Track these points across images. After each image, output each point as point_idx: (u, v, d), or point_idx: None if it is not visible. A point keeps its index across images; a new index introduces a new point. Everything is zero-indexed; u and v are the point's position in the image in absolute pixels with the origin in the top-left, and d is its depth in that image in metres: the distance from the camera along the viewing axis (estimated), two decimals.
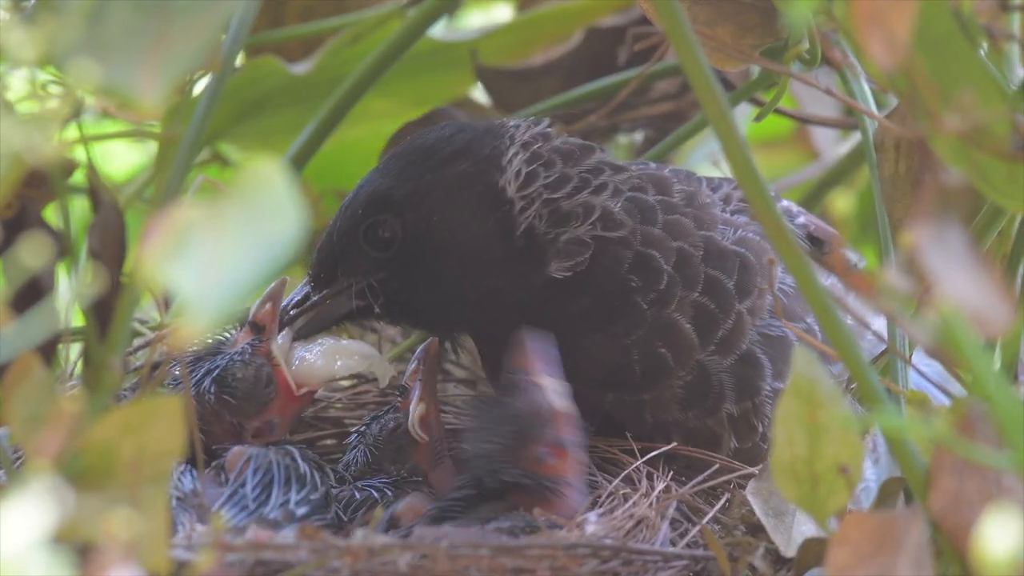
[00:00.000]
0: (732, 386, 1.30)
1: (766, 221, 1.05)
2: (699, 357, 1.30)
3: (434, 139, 1.32)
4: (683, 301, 1.30)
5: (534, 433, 1.23)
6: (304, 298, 1.33)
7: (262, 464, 1.24)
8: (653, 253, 1.30)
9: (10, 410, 1.01)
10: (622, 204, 1.31)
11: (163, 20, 0.99)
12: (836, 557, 1.03)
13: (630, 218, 1.30)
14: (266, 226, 0.93)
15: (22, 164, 0.97)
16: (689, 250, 1.31)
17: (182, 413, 1.00)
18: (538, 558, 1.13)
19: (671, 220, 1.31)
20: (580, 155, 1.32)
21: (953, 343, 0.98)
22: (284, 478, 1.23)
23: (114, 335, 1.05)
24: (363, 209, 1.31)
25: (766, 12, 1.38)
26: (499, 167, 1.31)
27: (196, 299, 0.90)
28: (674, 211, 1.32)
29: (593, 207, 1.30)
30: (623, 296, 1.30)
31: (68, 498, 0.93)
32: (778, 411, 1.08)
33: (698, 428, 1.31)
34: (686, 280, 1.30)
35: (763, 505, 1.17)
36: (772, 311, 1.31)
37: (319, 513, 1.22)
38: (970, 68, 1.04)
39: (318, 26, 1.68)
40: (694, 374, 1.30)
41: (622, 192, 1.31)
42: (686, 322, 1.30)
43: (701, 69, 1.04)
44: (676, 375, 1.30)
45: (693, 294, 1.30)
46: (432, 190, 1.31)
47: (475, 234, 1.31)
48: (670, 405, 1.31)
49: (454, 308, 1.32)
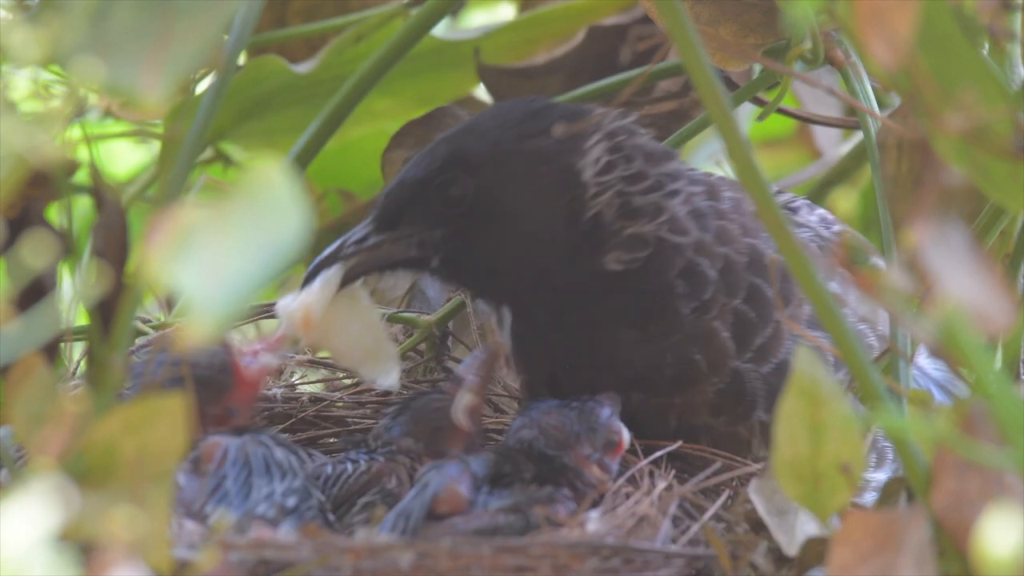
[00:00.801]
0: (764, 394, 1.30)
1: (768, 221, 1.05)
2: (734, 364, 1.30)
3: (523, 110, 1.32)
4: (724, 308, 1.30)
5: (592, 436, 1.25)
6: (363, 238, 1.32)
7: (239, 455, 1.23)
8: (702, 260, 1.30)
9: (13, 409, 1.01)
10: (689, 212, 1.31)
11: (166, 19, 0.99)
12: (838, 556, 1.03)
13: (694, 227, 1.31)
14: (269, 225, 0.93)
15: (25, 164, 0.98)
16: (735, 257, 1.31)
17: (184, 412, 1.01)
18: (540, 556, 1.13)
19: (720, 226, 1.32)
20: (661, 157, 1.32)
21: (955, 342, 0.98)
22: (263, 467, 1.23)
23: (117, 334, 1.05)
24: (441, 163, 1.31)
25: (768, 11, 1.39)
26: (580, 150, 1.31)
27: (200, 299, 0.90)
28: (723, 217, 1.32)
29: (663, 209, 1.31)
30: (666, 300, 1.30)
31: (72, 497, 0.93)
32: (781, 409, 1.08)
33: (727, 434, 1.31)
34: (729, 287, 1.30)
35: (766, 503, 1.17)
36: (811, 321, 1.31)
37: (306, 501, 1.22)
38: (972, 67, 1.04)
39: (321, 25, 1.68)
40: (728, 381, 1.30)
41: (692, 203, 1.32)
42: (724, 330, 1.30)
43: (703, 68, 1.04)
44: (710, 381, 1.30)
45: (735, 301, 1.30)
46: (511, 159, 1.31)
47: (543, 211, 1.31)
48: (700, 410, 1.31)
49: (505, 279, 1.32)
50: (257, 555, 1.10)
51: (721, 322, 1.30)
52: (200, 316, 0.90)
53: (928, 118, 1.03)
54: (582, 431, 1.26)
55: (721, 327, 1.30)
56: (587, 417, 1.26)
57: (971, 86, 1.03)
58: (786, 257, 1.06)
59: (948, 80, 1.03)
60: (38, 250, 0.96)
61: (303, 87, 1.63)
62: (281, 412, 1.42)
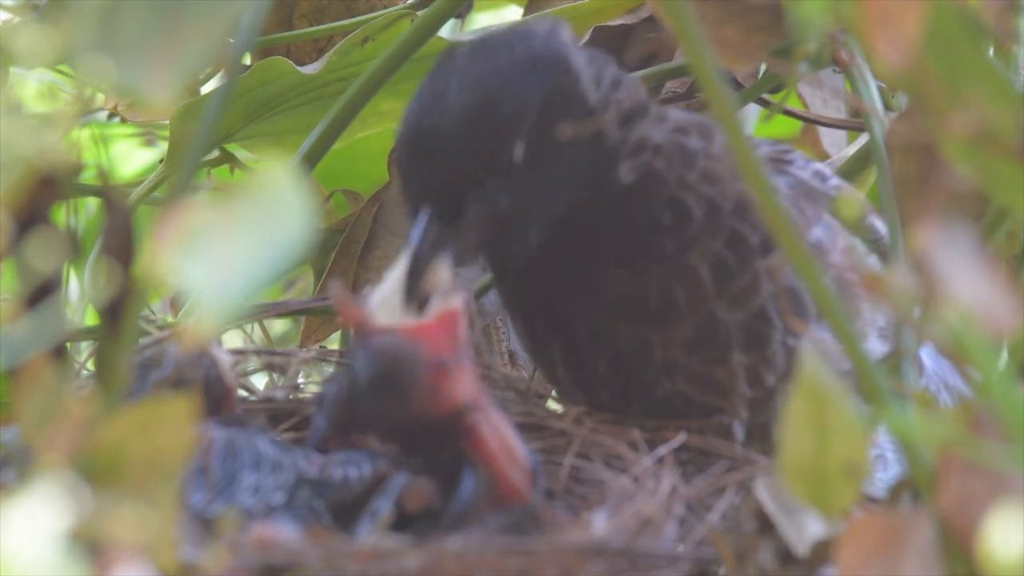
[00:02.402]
0: (741, 339, 1.31)
1: (772, 222, 1.05)
2: (711, 308, 1.30)
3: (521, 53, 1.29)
4: (706, 249, 1.30)
5: (407, 376, 1.22)
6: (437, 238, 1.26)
7: (226, 446, 1.23)
8: (687, 197, 1.30)
9: (21, 409, 1.01)
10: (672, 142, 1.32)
11: (174, 21, 0.99)
12: (844, 556, 1.03)
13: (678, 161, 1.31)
14: (276, 226, 0.93)
15: (32, 165, 0.98)
16: (720, 201, 1.31)
17: (192, 412, 1.01)
18: (546, 559, 1.13)
19: (708, 167, 1.31)
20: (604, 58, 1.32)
21: (961, 343, 0.98)
22: (253, 461, 1.23)
23: (124, 335, 1.06)
24: (497, 135, 1.26)
25: (774, 12, 1.39)
26: (576, 76, 1.29)
27: (207, 299, 0.90)
28: (713, 159, 1.32)
29: (646, 105, 1.31)
30: (651, 233, 1.30)
31: (80, 497, 0.94)
32: (786, 409, 1.08)
33: (705, 375, 1.31)
34: (712, 229, 1.30)
35: (773, 502, 1.17)
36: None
37: (294, 497, 1.21)
38: (978, 69, 1.04)
39: (328, 27, 1.68)
40: (704, 321, 1.30)
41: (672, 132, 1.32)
42: (705, 270, 1.30)
43: (709, 69, 1.04)
44: (685, 319, 1.30)
45: (715, 244, 1.30)
46: (546, 106, 1.28)
47: (577, 146, 1.29)
48: (677, 347, 1.31)
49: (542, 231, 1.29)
50: (263, 558, 1.10)
51: (702, 262, 1.30)
52: (206, 315, 0.90)
53: (934, 119, 1.03)
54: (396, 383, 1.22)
55: (702, 267, 1.30)
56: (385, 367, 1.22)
57: (977, 88, 1.03)
58: (789, 253, 1.06)
59: (954, 81, 1.03)
60: (45, 251, 0.96)
61: (310, 88, 1.63)
62: (285, 411, 1.43)
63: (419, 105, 1.29)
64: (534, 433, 1.37)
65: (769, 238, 1.30)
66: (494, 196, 1.27)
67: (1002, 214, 1.22)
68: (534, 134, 1.27)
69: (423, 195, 1.27)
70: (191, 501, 1.19)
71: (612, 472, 1.30)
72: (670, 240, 1.30)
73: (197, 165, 1.11)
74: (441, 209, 1.26)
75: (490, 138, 1.27)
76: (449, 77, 1.29)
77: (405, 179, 1.28)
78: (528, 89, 1.28)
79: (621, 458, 1.30)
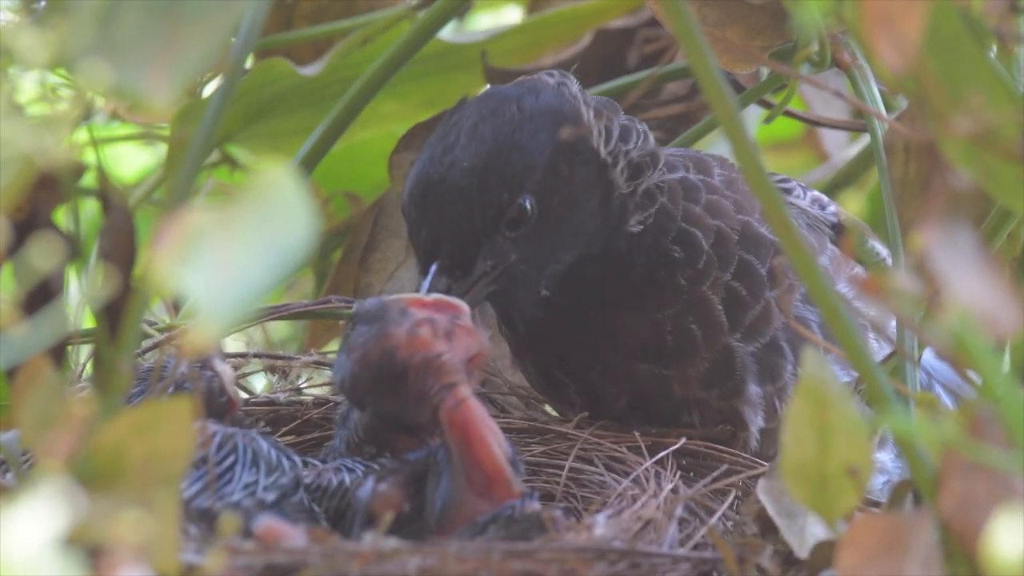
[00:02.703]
0: (756, 370, 1.31)
1: (775, 222, 1.05)
2: (726, 341, 1.30)
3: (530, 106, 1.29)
4: (717, 281, 1.30)
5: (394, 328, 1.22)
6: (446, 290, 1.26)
7: (226, 443, 1.23)
8: (694, 231, 1.30)
9: (20, 412, 1.01)
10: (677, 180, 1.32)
11: (174, 22, 0.99)
12: (845, 559, 1.03)
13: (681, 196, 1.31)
14: (276, 228, 0.93)
15: (32, 166, 0.98)
16: (727, 231, 1.31)
17: (192, 415, 1.01)
18: (547, 561, 1.13)
19: (712, 200, 1.32)
20: (614, 108, 1.32)
21: (962, 345, 0.98)
22: (251, 460, 1.23)
23: (124, 337, 1.06)
24: (507, 190, 1.27)
25: (775, 14, 1.39)
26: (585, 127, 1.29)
27: (207, 302, 0.90)
28: (714, 192, 1.32)
29: (657, 154, 1.32)
30: (664, 269, 1.30)
31: (79, 500, 0.93)
32: (788, 411, 1.08)
33: (722, 408, 1.31)
34: (721, 260, 1.30)
35: (775, 505, 1.17)
36: (804, 299, 1.32)
37: (288, 497, 1.21)
38: (980, 70, 1.04)
39: (328, 28, 1.68)
40: (720, 355, 1.30)
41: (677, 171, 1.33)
42: (718, 303, 1.30)
43: (711, 71, 1.04)
44: (701, 355, 1.30)
45: (726, 276, 1.30)
46: (555, 160, 1.28)
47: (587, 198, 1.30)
48: (693, 382, 1.31)
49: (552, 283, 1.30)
50: (264, 559, 1.10)
51: (715, 294, 1.30)
52: (207, 319, 0.90)
53: (935, 121, 1.03)
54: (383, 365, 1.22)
55: (715, 299, 1.30)
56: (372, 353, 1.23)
57: (979, 89, 1.03)
58: (794, 258, 1.05)
59: (956, 83, 1.03)
60: (45, 253, 0.96)
61: (310, 90, 1.63)
62: (286, 414, 1.43)
63: (428, 157, 1.29)
64: (536, 436, 1.37)
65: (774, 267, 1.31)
66: (503, 250, 1.27)
67: (1004, 216, 1.22)
68: (543, 188, 1.27)
69: (432, 249, 1.27)
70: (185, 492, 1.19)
71: (613, 474, 1.30)
72: (682, 273, 1.31)
73: (197, 167, 1.10)
74: (450, 263, 1.26)
75: (499, 191, 1.26)
76: (458, 130, 1.29)
77: (414, 232, 1.28)
78: (537, 143, 1.28)
79: (623, 461, 1.30)
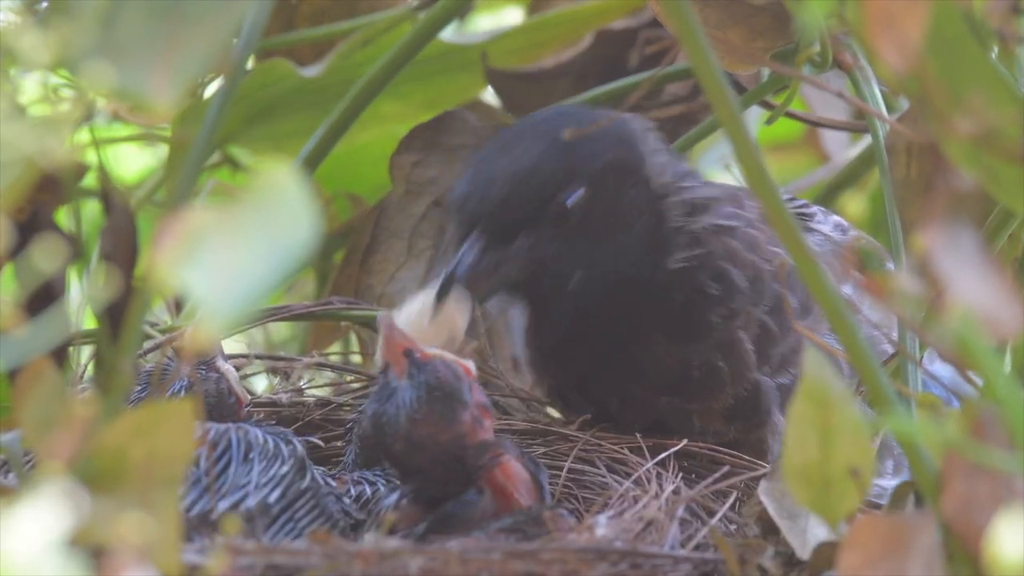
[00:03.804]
0: (779, 401, 1.31)
1: (777, 224, 1.05)
2: (754, 376, 1.31)
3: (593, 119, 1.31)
4: (750, 318, 1.31)
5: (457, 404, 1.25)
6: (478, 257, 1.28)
7: (220, 440, 1.23)
8: (732, 269, 1.31)
9: (22, 413, 1.01)
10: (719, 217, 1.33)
11: (175, 23, 0.99)
12: (847, 560, 1.03)
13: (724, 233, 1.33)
14: (278, 229, 0.93)
15: (34, 167, 0.98)
16: (762, 265, 1.31)
17: (193, 416, 1.01)
18: (549, 561, 1.13)
19: (748, 234, 1.32)
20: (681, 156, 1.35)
21: (964, 346, 0.98)
22: (243, 454, 1.22)
23: (126, 338, 1.06)
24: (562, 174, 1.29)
25: (777, 15, 1.39)
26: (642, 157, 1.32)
27: (208, 303, 0.90)
28: (750, 226, 1.33)
29: (713, 204, 1.33)
30: (699, 304, 1.31)
31: (81, 501, 0.93)
32: (790, 413, 1.08)
33: (746, 440, 1.32)
34: (756, 296, 1.31)
35: (777, 506, 1.17)
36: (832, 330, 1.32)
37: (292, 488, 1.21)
38: (981, 71, 1.04)
39: (329, 29, 1.68)
40: (747, 391, 1.31)
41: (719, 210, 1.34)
42: (748, 340, 1.31)
43: (712, 72, 1.04)
44: (727, 391, 1.31)
45: (759, 311, 1.31)
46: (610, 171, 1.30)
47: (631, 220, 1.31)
48: (716, 417, 1.31)
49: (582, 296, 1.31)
50: (266, 559, 1.10)
51: (745, 332, 1.31)
52: (208, 320, 0.90)
53: (937, 122, 1.03)
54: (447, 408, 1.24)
55: (745, 337, 1.31)
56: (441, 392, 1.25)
57: (980, 90, 1.03)
58: (795, 260, 1.05)
59: (957, 84, 1.03)
60: (47, 254, 0.96)
61: (311, 91, 1.63)
62: (288, 416, 1.43)
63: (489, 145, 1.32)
64: (538, 438, 1.37)
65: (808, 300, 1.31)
66: (543, 239, 1.28)
67: (1006, 216, 1.22)
68: (590, 196, 1.29)
69: (477, 212, 1.28)
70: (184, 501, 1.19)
71: (615, 475, 1.30)
72: (716, 311, 1.31)
73: (198, 168, 1.11)
74: (491, 230, 1.28)
75: (548, 180, 1.28)
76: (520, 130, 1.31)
77: (459, 204, 1.29)
78: (592, 150, 1.29)
79: (624, 462, 1.30)
